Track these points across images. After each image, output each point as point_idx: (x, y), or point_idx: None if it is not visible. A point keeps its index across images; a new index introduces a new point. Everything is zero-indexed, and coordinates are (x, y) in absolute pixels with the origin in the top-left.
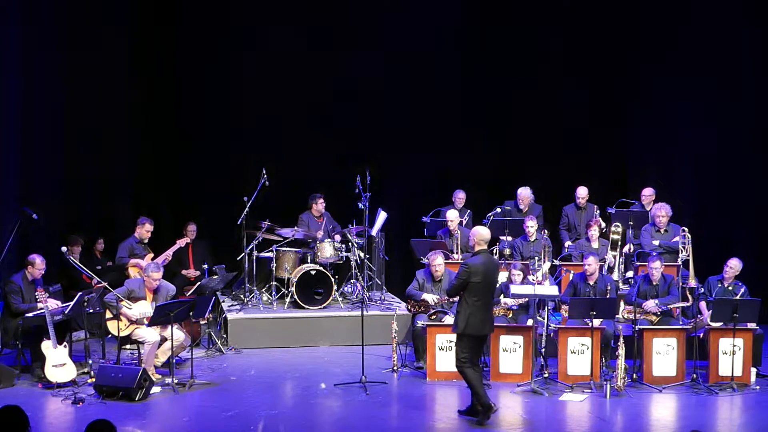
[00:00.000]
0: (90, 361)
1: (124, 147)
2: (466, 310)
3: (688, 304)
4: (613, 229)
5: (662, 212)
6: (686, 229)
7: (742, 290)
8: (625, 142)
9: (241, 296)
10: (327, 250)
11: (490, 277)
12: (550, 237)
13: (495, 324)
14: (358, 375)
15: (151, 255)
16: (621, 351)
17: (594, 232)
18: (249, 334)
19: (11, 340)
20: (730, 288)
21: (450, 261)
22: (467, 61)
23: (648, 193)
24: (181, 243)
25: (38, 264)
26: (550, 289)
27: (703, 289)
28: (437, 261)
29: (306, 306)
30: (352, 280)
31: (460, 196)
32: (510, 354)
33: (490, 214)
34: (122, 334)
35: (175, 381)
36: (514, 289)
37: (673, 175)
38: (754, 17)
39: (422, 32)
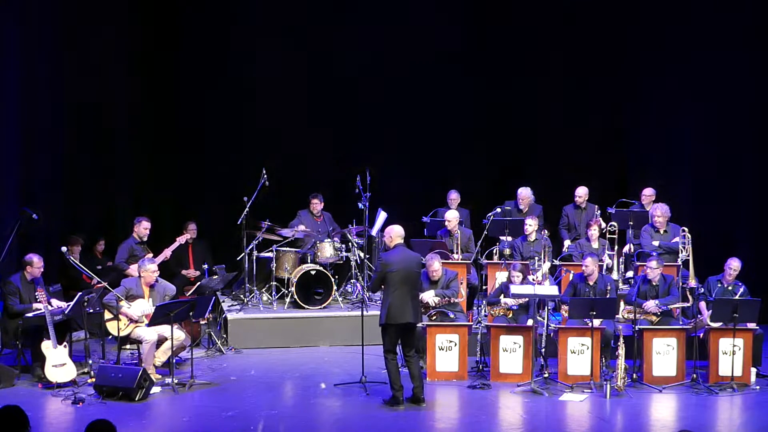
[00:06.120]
0: (90, 361)
1: (124, 147)
2: (386, 301)
3: (688, 305)
4: (609, 228)
5: (658, 212)
6: (686, 229)
7: (742, 290)
8: (625, 142)
9: (241, 296)
10: (327, 250)
11: (406, 267)
12: (550, 237)
13: (495, 324)
14: (358, 375)
15: (150, 255)
16: (621, 351)
17: (594, 232)
18: (249, 334)
19: (11, 340)
20: (730, 288)
21: (449, 261)
22: (467, 60)
23: (648, 193)
24: (180, 240)
25: (36, 263)
26: (550, 289)
27: (703, 289)
28: (434, 267)
29: (306, 306)
30: (352, 280)
31: (452, 197)
32: (510, 354)
33: (490, 214)
34: (122, 334)
35: (175, 381)
36: (514, 289)
37: (673, 175)
38: (754, 16)
39: (422, 32)
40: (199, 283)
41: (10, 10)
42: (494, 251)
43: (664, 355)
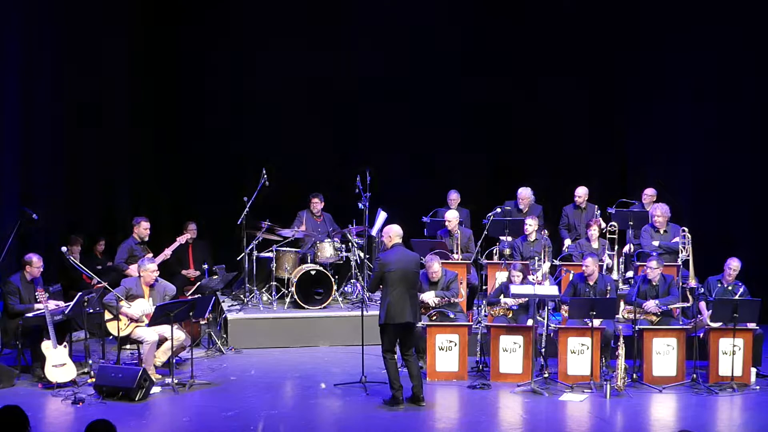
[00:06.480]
0: (90, 361)
1: (124, 147)
2: (384, 301)
3: (688, 305)
4: (609, 228)
5: (658, 212)
6: (686, 229)
7: (741, 290)
8: (625, 142)
9: (241, 296)
10: (327, 250)
11: (404, 267)
12: (550, 237)
13: (495, 324)
14: (358, 375)
15: (150, 255)
16: (621, 351)
17: (594, 232)
18: (249, 334)
19: (11, 341)
20: (730, 288)
21: (449, 261)
22: (467, 60)
23: (650, 193)
24: (180, 240)
25: (35, 263)
26: (550, 289)
27: (703, 289)
28: (434, 268)
29: (306, 306)
30: (352, 280)
31: (452, 197)
32: (510, 354)
33: (490, 214)
34: (122, 334)
35: (175, 381)
36: (514, 289)
37: (673, 175)
38: (753, 16)
39: (422, 32)
40: (199, 283)
41: (11, 10)
42: (494, 251)
43: (664, 355)
